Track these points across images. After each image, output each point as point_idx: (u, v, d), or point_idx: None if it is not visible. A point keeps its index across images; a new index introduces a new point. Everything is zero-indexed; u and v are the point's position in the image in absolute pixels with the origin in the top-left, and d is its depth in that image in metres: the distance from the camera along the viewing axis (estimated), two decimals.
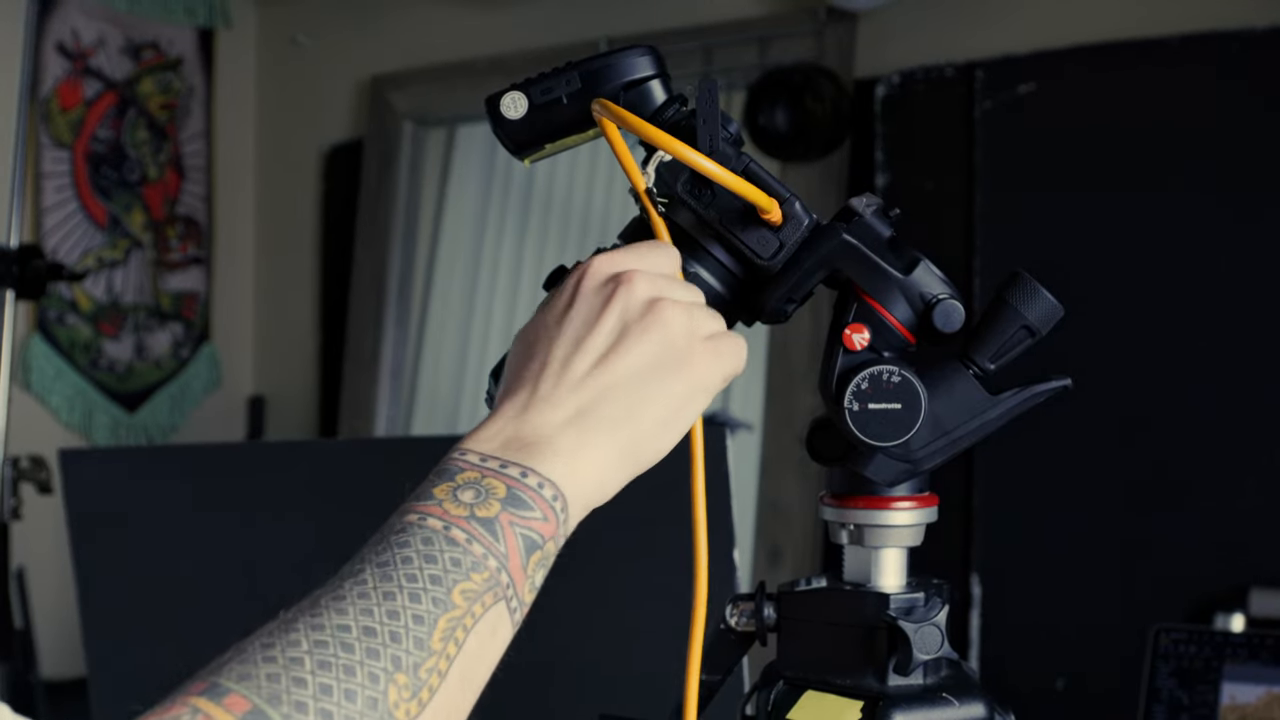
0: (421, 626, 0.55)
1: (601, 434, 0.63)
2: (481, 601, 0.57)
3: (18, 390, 2.62)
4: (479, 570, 0.58)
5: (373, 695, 0.53)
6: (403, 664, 0.54)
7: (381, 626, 0.54)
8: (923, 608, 0.73)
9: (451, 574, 0.57)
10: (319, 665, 0.52)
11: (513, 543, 0.59)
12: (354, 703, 0.52)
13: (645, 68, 0.75)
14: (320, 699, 0.52)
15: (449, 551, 0.57)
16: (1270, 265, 2.09)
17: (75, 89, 2.87)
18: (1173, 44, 2.16)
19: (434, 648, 0.55)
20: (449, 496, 0.59)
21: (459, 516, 0.58)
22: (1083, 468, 2.19)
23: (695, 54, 2.61)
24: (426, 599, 0.56)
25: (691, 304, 0.67)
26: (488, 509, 0.59)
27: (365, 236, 3.02)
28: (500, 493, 0.60)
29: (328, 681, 0.52)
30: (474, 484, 0.60)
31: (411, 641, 0.55)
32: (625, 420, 0.64)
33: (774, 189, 0.71)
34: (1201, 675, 1.51)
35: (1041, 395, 0.73)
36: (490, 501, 0.59)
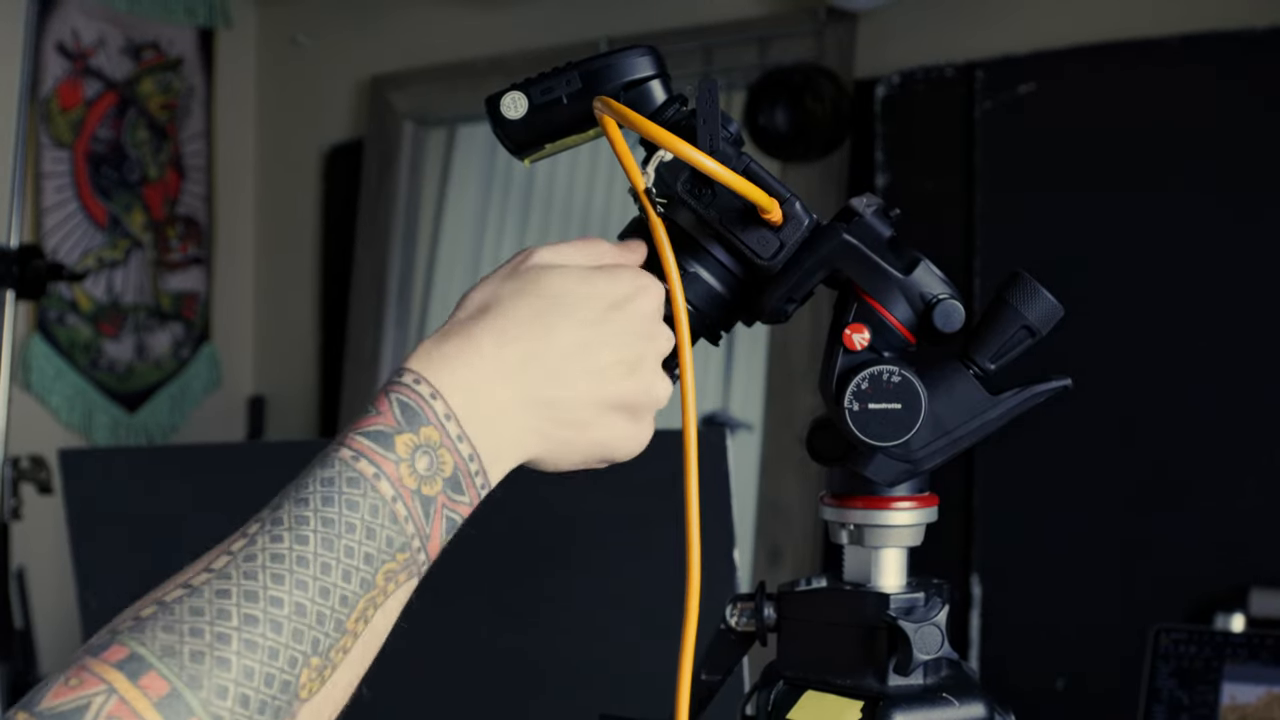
0: (345, 608, 0.56)
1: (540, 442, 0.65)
2: (396, 580, 0.59)
3: (18, 390, 2.62)
4: (404, 551, 0.59)
5: (288, 679, 0.54)
6: (320, 646, 0.55)
7: (313, 605, 0.55)
8: (923, 608, 0.73)
9: (383, 554, 0.58)
10: (245, 645, 0.53)
11: (438, 526, 0.61)
12: (271, 686, 0.53)
13: (645, 68, 0.75)
14: (242, 683, 0.52)
15: (388, 529, 0.58)
16: (1270, 265, 2.09)
17: (75, 89, 2.87)
18: (1173, 44, 2.16)
19: (349, 628, 0.56)
20: (408, 458, 0.60)
21: (408, 489, 0.59)
22: (1083, 468, 2.19)
23: (695, 54, 2.61)
24: (356, 579, 0.57)
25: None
26: (432, 486, 0.60)
27: (365, 236, 3.02)
28: (447, 471, 0.61)
29: (251, 664, 0.52)
30: (430, 450, 0.61)
31: (333, 624, 0.56)
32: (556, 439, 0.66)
33: (774, 189, 0.71)
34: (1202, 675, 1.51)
35: (1041, 395, 0.73)
36: (436, 479, 0.60)
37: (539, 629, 1.20)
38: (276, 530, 0.56)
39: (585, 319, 0.66)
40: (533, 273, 0.67)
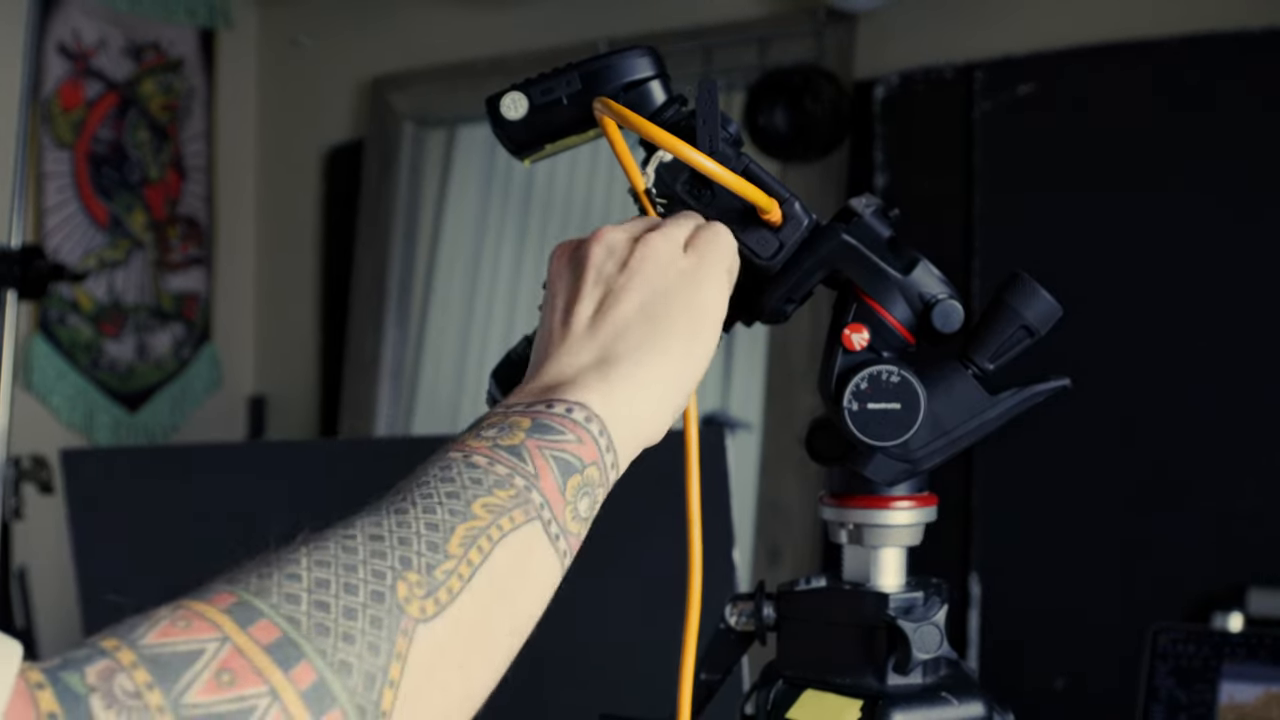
0: (435, 533, 0.51)
1: (627, 372, 0.62)
2: (510, 516, 0.54)
3: (19, 390, 2.62)
4: (503, 487, 0.54)
5: (378, 589, 0.48)
6: (413, 564, 0.50)
7: (389, 533, 0.51)
8: (922, 607, 0.73)
9: (470, 489, 0.53)
10: (316, 564, 0.48)
11: (543, 464, 0.56)
12: (355, 595, 0.48)
13: (645, 68, 0.75)
14: (316, 591, 0.47)
15: (468, 473, 0.54)
16: (1270, 265, 2.09)
17: (76, 90, 2.87)
18: (1172, 44, 2.16)
19: (451, 551, 0.51)
20: (472, 436, 0.57)
21: (479, 447, 0.56)
22: (1082, 467, 2.19)
23: (695, 55, 2.61)
24: (442, 510, 0.52)
25: (661, 227, 0.68)
26: (512, 438, 0.56)
27: (366, 237, 3.02)
28: (525, 424, 0.58)
29: (324, 577, 0.48)
30: (498, 424, 0.58)
31: (424, 545, 0.51)
32: (644, 355, 0.63)
33: (774, 189, 0.72)
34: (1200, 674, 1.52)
35: (1040, 395, 0.74)
36: (515, 432, 0.57)
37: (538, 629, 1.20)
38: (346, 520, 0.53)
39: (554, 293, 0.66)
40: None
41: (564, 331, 0.64)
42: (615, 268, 0.65)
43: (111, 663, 0.42)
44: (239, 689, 0.44)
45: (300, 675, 0.45)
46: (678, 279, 0.65)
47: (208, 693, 0.43)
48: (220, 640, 0.45)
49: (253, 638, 0.45)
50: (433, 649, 0.49)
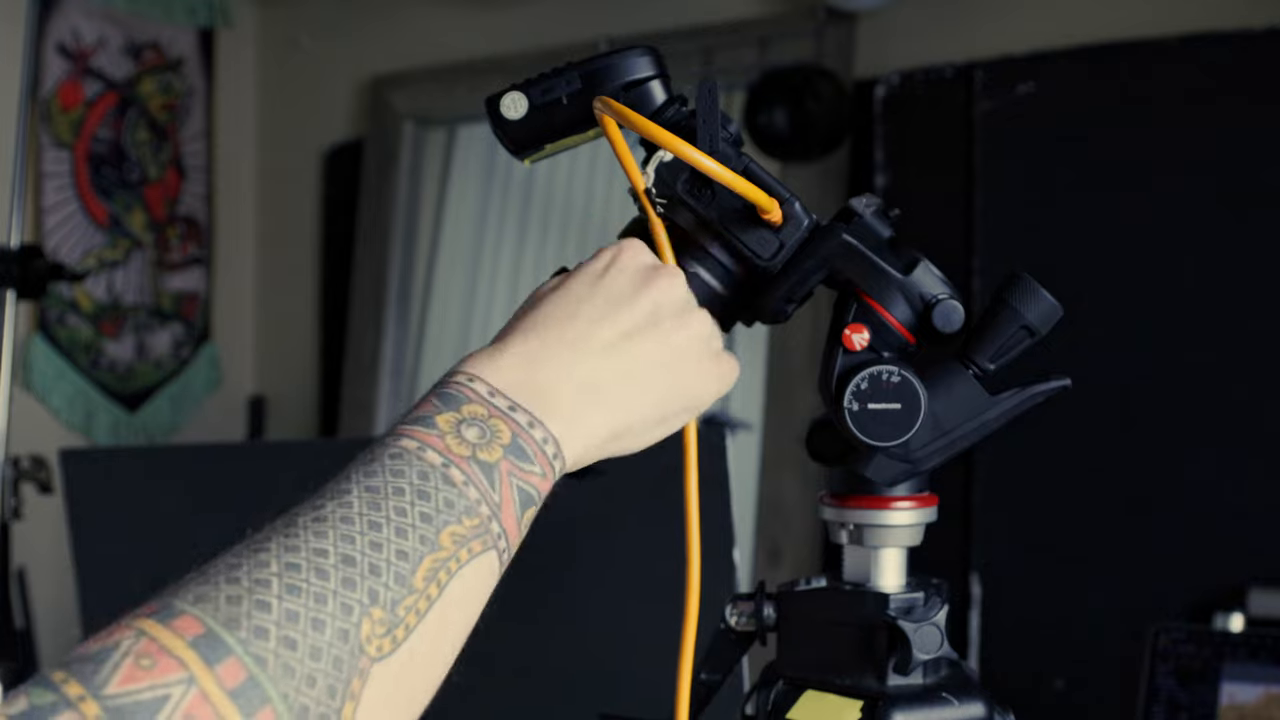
0: (405, 563, 0.52)
1: (604, 410, 0.63)
2: (469, 547, 0.55)
3: (18, 390, 2.62)
4: (471, 516, 0.55)
5: (344, 627, 0.49)
6: (380, 599, 0.51)
7: (362, 557, 0.51)
8: (922, 607, 0.73)
9: (443, 514, 0.54)
10: (287, 589, 0.48)
11: (508, 494, 0.57)
12: (322, 632, 0.48)
13: (645, 68, 0.75)
14: (285, 626, 0.47)
15: (444, 491, 0.55)
16: (1270, 265, 2.09)
17: (76, 89, 2.87)
18: (1172, 44, 2.16)
19: (415, 586, 0.52)
20: (452, 430, 0.57)
21: (460, 456, 0.56)
22: (1082, 468, 2.19)
23: (695, 54, 2.61)
24: (414, 535, 0.53)
25: (709, 321, 0.69)
26: (490, 453, 0.57)
27: (365, 237, 3.02)
28: (505, 439, 0.58)
29: (295, 608, 0.48)
30: (479, 422, 0.58)
31: (392, 576, 0.51)
32: (626, 405, 0.64)
33: (774, 189, 0.71)
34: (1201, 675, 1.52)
35: (1041, 395, 0.73)
36: (494, 446, 0.57)
37: (538, 629, 1.20)
38: (318, 502, 0.53)
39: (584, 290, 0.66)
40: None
41: (587, 330, 0.64)
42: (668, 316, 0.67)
43: (76, 715, 0.43)
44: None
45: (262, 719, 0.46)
46: (694, 362, 0.67)
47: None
48: (186, 683, 0.45)
49: (218, 680, 0.46)
50: (385, 686, 0.51)
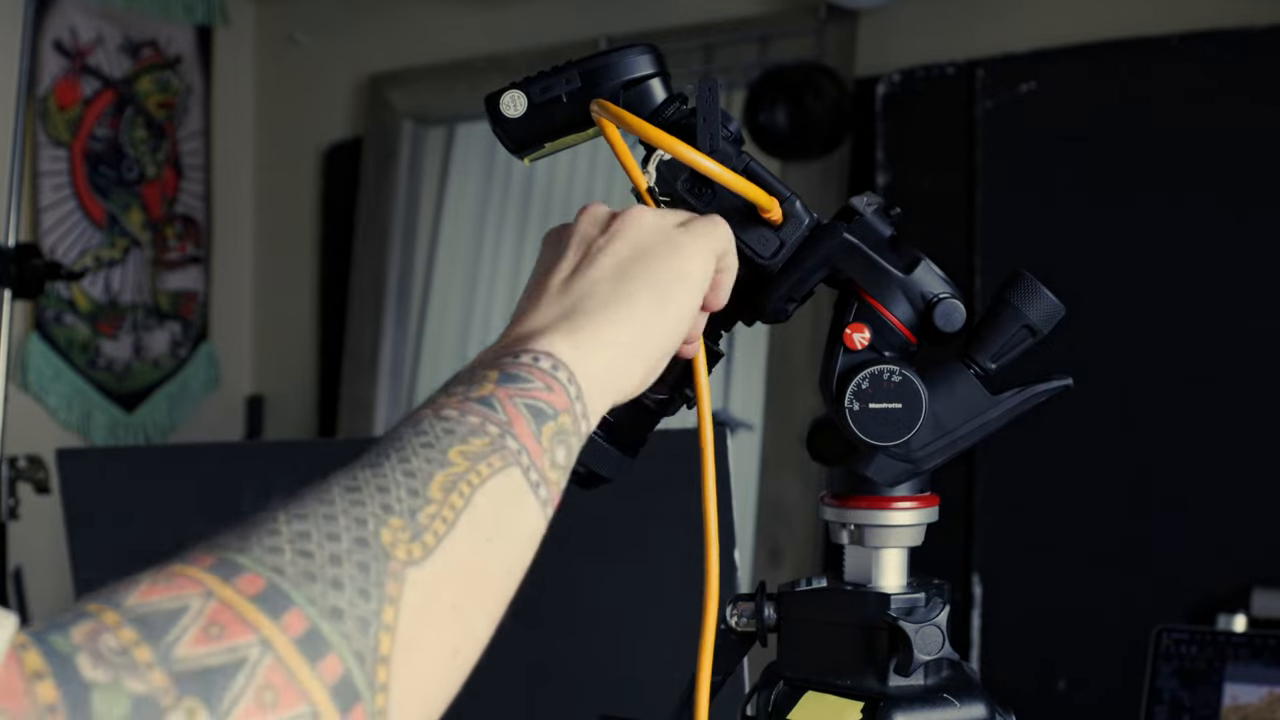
0: (414, 479, 0.51)
1: (595, 326, 0.61)
2: (488, 462, 0.53)
3: (15, 390, 2.62)
4: (478, 435, 0.53)
5: (360, 535, 0.48)
6: (394, 509, 0.49)
7: (366, 484, 0.50)
8: (924, 608, 0.73)
9: (444, 440, 0.53)
10: (295, 517, 0.48)
11: (514, 411, 0.55)
12: (338, 542, 0.47)
13: (645, 66, 0.74)
14: (297, 541, 0.47)
15: (440, 424, 0.53)
16: (1270, 265, 2.08)
17: (73, 87, 2.87)
18: (1172, 43, 2.16)
19: (432, 496, 0.50)
20: (440, 394, 0.56)
21: (452, 399, 0.55)
22: (1084, 468, 2.19)
23: (695, 52, 2.60)
24: (417, 459, 0.51)
25: (652, 209, 0.68)
26: (481, 390, 0.55)
27: (364, 235, 3.02)
28: (493, 376, 0.56)
29: (304, 528, 0.47)
30: (465, 379, 0.57)
31: (404, 490, 0.50)
32: (613, 310, 0.62)
33: (774, 188, 0.71)
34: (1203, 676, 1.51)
35: (1042, 395, 0.73)
36: (483, 384, 0.56)
37: (539, 629, 1.19)
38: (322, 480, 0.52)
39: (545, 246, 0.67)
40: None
41: (539, 291, 0.64)
42: (598, 232, 0.66)
43: (96, 623, 0.42)
44: (229, 640, 0.43)
45: (291, 623, 0.44)
46: (659, 242, 0.65)
47: (197, 645, 0.42)
48: (205, 595, 0.44)
49: (239, 590, 0.44)
50: (425, 592, 0.48)
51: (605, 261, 0.64)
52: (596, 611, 1.18)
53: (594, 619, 1.19)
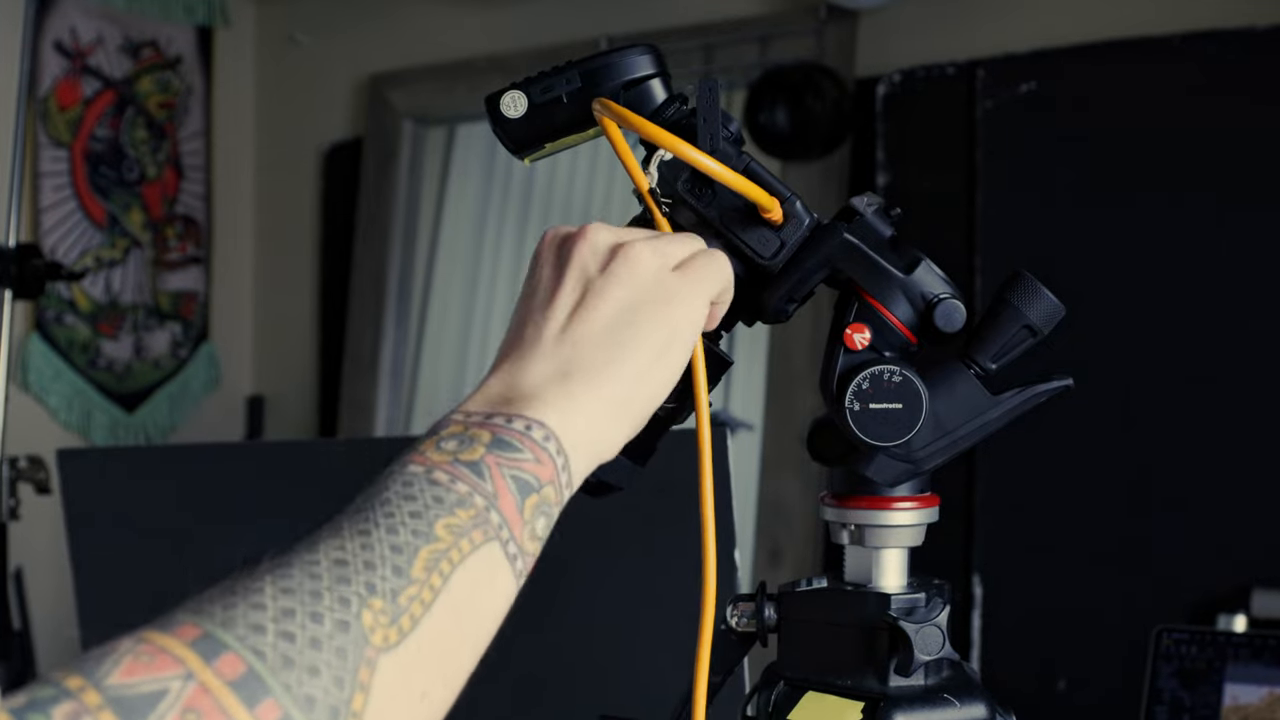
0: (400, 555, 0.51)
1: (588, 386, 0.61)
2: (469, 538, 0.54)
3: (16, 390, 2.62)
4: (464, 507, 0.54)
5: (343, 618, 0.48)
6: (378, 590, 0.50)
7: (354, 557, 0.50)
8: (924, 608, 0.73)
9: (433, 509, 0.53)
10: (281, 591, 0.48)
11: (501, 483, 0.56)
12: (320, 624, 0.48)
13: (645, 66, 0.74)
14: (281, 621, 0.47)
15: (430, 490, 0.54)
16: (1270, 265, 2.08)
17: (74, 88, 2.87)
18: (1173, 43, 2.16)
19: (415, 576, 0.51)
20: (432, 447, 0.57)
21: (441, 461, 0.56)
22: (1084, 468, 2.19)
23: (695, 53, 2.60)
24: (405, 531, 0.52)
25: (656, 238, 0.66)
26: (472, 453, 0.56)
27: (365, 236, 3.02)
28: (485, 439, 0.57)
29: (290, 605, 0.48)
30: (458, 435, 0.57)
31: (389, 569, 0.51)
32: (607, 370, 0.62)
33: (775, 188, 0.71)
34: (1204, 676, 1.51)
35: (1043, 395, 0.73)
36: (475, 447, 0.57)
37: (539, 630, 1.19)
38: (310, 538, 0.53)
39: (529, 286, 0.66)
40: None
41: (536, 334, 0.64)
42: (596, 269, 0.65)
43: (77, 704, 0.42)
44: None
45: (265, 712, 0.45)
46: (654, 291, 0.64)
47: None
48: (185, 677, 0.44)
49: (218, 673, 0.45)
50: (395, 677, 0.49)
51: (603, 310, 0.63)
52: (597, 612, 1.18)
53: (594, 620, 1.19)
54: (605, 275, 0.64)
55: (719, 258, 0.68)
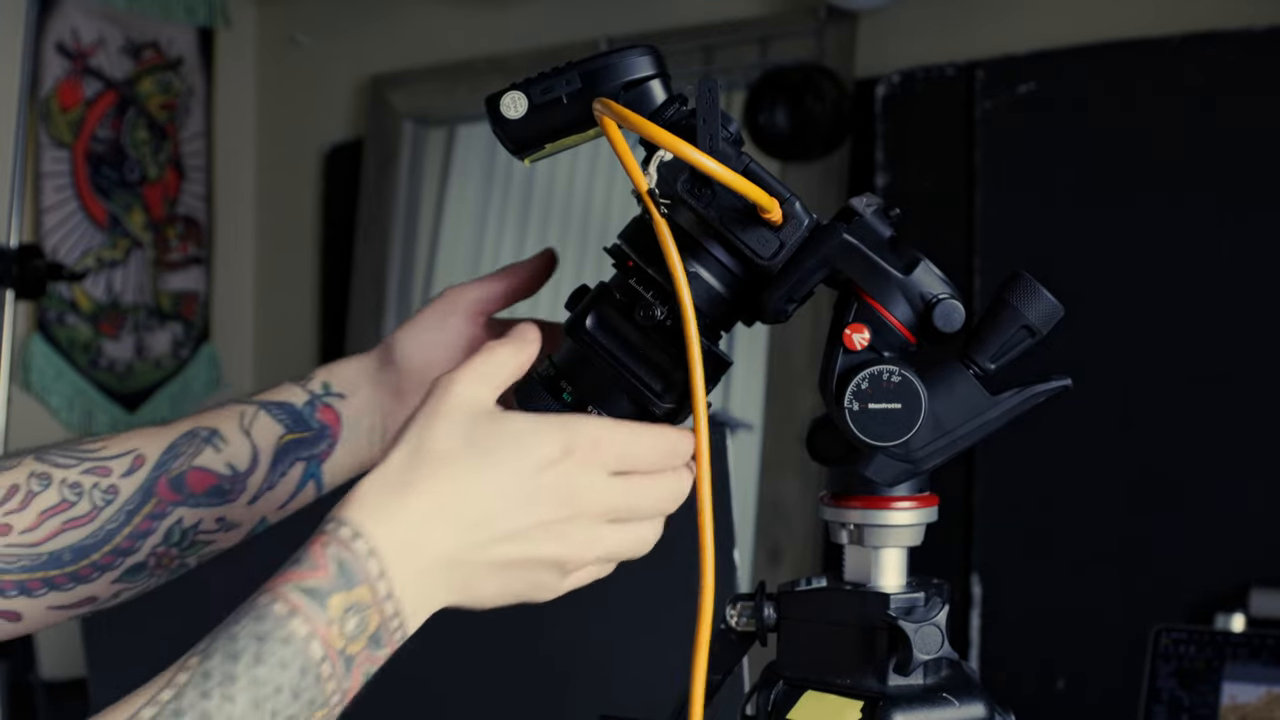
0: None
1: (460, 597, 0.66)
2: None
3: (17, 390, 2.62)
4: (324, 708, 0.61)
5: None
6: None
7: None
8: (923, 607, 0.73)
9: (303, 716, 0.60)
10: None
11: (357, 680, 0.62)
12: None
13: (645, 67, 0.75)
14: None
15: (311, 690, 0.60)
16: (1270, 265, 2.08)
17: (75, 88, 2.87)
18: (1173, 44, 2.16)
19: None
20: (339, 618, 0.61)
21: (335, 650, 0.61)
22: (1083, 467, 2.19)
23: (695, 54, 2.60)
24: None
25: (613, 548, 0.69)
26: (356, 645, 0.62)
27: (365, 236, 3.02)
28: (371, 629, 0.62)
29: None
30: (360, 610, 0.62)
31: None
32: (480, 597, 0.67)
33: (774, 188, 0.71)
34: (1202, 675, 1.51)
35: (1042, 395, 0.73)
36: (361, 638, 0.62)
37: (539, 630, 1.19)
38: (206, 686, 0.58)
39: (513, 480, 0.66)
40: (474, 420, 0.66)
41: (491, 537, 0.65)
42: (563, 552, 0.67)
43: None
44: None
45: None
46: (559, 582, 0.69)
47: None
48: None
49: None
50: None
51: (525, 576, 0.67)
52: (597, 611, 1.19)
53: (594, 620, 1.19)
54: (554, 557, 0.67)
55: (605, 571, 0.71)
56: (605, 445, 0.67)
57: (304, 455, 0.80)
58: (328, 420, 0.80)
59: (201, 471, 0.77)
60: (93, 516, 0.76)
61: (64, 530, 0.75)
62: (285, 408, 0.80)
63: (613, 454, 0.67)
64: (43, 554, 0.75)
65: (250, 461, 0.78)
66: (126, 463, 0.77)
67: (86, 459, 0.77)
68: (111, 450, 0.77)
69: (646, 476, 0.69)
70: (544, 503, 0.66)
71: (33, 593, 0.75)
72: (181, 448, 0.78)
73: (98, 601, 0.78)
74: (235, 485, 0.78)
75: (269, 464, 0.79)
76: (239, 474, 0.78)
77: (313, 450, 0.80)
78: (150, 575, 0.79)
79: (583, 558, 0.68)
